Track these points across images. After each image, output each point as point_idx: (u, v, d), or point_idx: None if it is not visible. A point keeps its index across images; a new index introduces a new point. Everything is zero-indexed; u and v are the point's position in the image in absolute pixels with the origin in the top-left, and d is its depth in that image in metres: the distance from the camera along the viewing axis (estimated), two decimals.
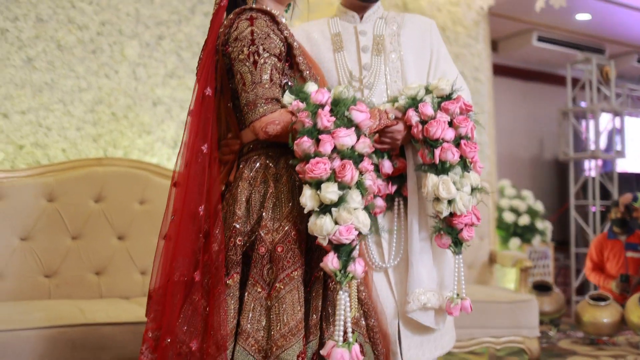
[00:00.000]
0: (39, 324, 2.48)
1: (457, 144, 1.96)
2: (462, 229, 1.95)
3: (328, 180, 1.68)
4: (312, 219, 1.70)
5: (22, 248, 3.00)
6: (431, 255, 2.08)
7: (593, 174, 7.15)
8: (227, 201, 1.87)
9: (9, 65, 3.65)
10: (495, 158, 5.69)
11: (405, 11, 5.24)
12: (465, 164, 1.97)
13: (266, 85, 1.80)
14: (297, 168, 1.72)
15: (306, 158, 1.70)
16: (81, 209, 3.13)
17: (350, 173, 1.68)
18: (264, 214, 1.80)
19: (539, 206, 5.11)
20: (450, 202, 1.92)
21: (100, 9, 3.94)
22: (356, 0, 2.23)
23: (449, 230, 1.96)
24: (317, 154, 1.69)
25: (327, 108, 1.75)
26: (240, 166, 1.90)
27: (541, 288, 4.63)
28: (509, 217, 4.71)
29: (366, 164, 1.74)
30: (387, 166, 2.04)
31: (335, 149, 1.71)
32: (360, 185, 1.72)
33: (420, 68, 2.20)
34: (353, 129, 1.74)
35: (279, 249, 1.75)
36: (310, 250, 1.81)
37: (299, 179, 1.76)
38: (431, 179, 1.92)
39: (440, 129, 1.90)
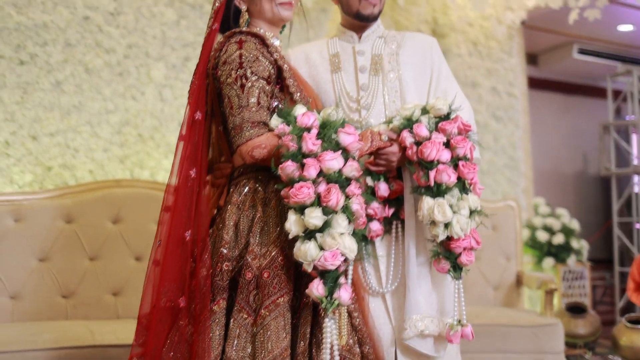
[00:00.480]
0: (47, 345, 2.52)
1: (455, 165, 1.90)
2: (460, 253, 1.89)
3: (312, 205, 1.65)
4: (297, 244, 1.67)
5: (40, 269, 3.05)
6: (430, 280, 2.02)
7: (637, 189, 6.89)
8: (217, 225, 1.86)
9: (38, 89, 3.75)
10: (532, 174, 5.55)
11: (435, 26, 5.19)
12: (464, 186, 1.91)
13: (253, 109, 1.79)
14: (282, 192, 1.70)
15: (291, 182, 1.67)
16: (99, 230, 3.17)
17: (336, 197, 1.65)
18: (251, 239, 1.78)
19: (575, 224, 4.94)
20: (447, 225, 1.86)
21: (127, 32, 4.02)
22: (354, 20, 2.20)
23: (447, 254, 1.90)
24: (302, 179, 1.66)
25: (315, 131, 1.72)
26: (231, 190, 1.89)
27: (576, 310, 4.46)
28: (542, 236, 4.57)
29: (353, 187, 1.71)
30: (382, 189, 1.99)
31: (321, 173, 1.68)
32: (346, 209, 1.68)
33: (420, 87, 2.15)
34: (340, 152, 1.70)
35: (265, 275, 1.73)
36: (300, 275, 1.78)
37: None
38: (427, 201, 1.87)
39: (435, 150, 1.85)
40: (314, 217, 1.63)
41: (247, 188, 1.85)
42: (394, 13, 4.93)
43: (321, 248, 1.65)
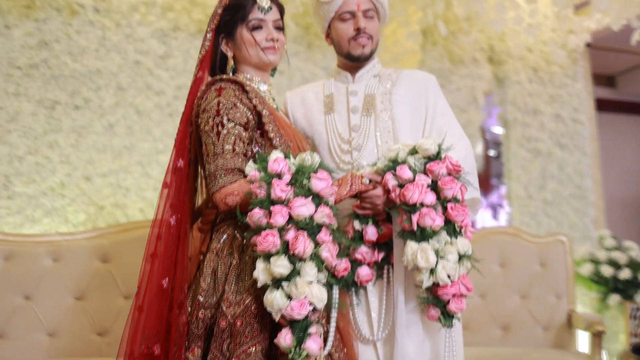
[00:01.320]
0: None
1: (445, 208, 1.83)
2: (449, 300, 1.80)
3: (278, 253, 1.63)
4: (266, 293, 1.65)
5: (76, 307, 3.17)
6: (421, 327, 1.94)
7: None
8: (198, 272, 1.87)
9: (91, 132, 3.94)
10: (603, 204, 5.25)
11: (492, 54, 5.06)
12: (453, 229, 1.83)
13: (227, 156, 1.79)
14: (252, 240, 1.68)
15: (259, 230, 1.66)
16: (134, 269, 3.24)
17: (303, 245, 1.62)
18: (227, 286, 1.77)
19: None
20: (432, 271, 1.78)
21: (176, 74, 4.16)
22: (346, 61, 2.18)
23: (436, 301, 1.81)
24: (269, 226, 1.64)
25: (287, 177, 1.70)
26: (212, 237, 1.90)
27: None
28: (607, 270, 4.28)
29: (323, 235, 1.67)
30: (370, 232, 1.94)
31: (292, 220, 1.66)
32: (315, 257, 1.65)
33: (415, 126, 2.09)
34: (310, 198, 1.68)
35: (238, 323, 1.71)
36: (277, 324, 1.75)
37: None
38: (410, 246, 1.80)
39: (417, 193, 1.78)
40: (279, 265, 1.61)
41: (225, 235, 1.85)
42: (447, 43, 4.84)
43: (289, 297, 1.62)
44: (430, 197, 1.80)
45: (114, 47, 4.06)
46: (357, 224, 1.94)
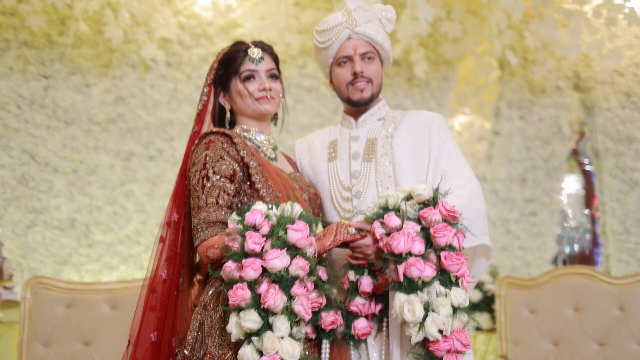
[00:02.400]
0: None
1: (439, 257, 1.72)
2: (442, 357, 1.67)
3: (248, 307, 1.59)
4: (240, 348, 1.62)
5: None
6: None
7: None
8: (189, 325, 1.87)
9: (165, 181, 4.11)
10: None
11: (578, 81, 4.77)
12: (449, 280, 1.71)
13: (210, 209, 1.80)
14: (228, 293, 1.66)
15: (232, 283, 1.64)
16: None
17: (273, 299, 1.58)
18: (209, 340, 1.75)
19: None
20: (422, 324, 1.67)
21: None
22: (348, 106, 2.13)
23: (429, 357, 1.69)
24: (240, 280, 1.62)
25: (266, 228, 1.67)
26: (204, 290, 1.89)
27: None
28: None
29: (296, 288, 1.61)
30: (365, 283, 1.84)
31: (266, 272, 1.63)
32: (288, 311, 1.60)
33: (418, 171, 1.99)
34: (285, 250, 1.63)
35: None
36: None
37: None
38: (398, 298, 1.70)
39: (403, 242, 1.68)
40: (248, 320, 1.58)
41: (213, 289, 1.84)
42: (527, 72, 4.63)
43: (260, 353, 1.58)
44: (419, 246, 1.70)
45: (185, 99, 4.24)
46: (351, 275, 1.86)
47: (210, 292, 1.84)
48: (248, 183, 1.88)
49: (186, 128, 4.20)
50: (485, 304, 4.03)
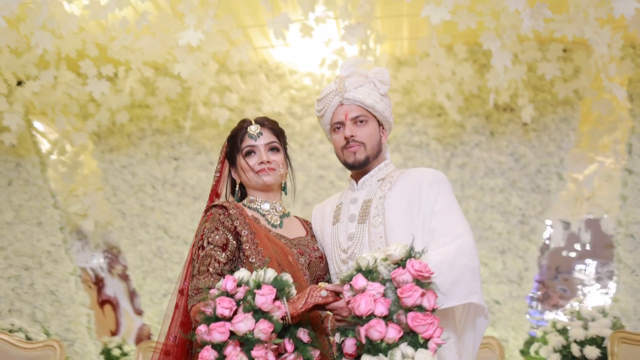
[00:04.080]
0: None
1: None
2: None
3: None
4: None
5: None
6: None
7: None
8: None
9: None
10: None
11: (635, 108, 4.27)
12: (418, 341, 1.67)
13: (201, 277, 1.94)
14: None
15: (203, 345, 1.75)
16: None
17: None
18: None
19: None
20: None
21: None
22: (347, 169, 2.17)
23: None
24: (209, 342, 1.73)
25: (240, 294, 1.78)
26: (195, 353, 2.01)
27: None
28: None
29: (255, 350, 1.69)
30: (347, 345, 1.81)
31: (234, 335, 1.73)
32: None
33: (410, 229, 1.95)
34: (251, 313, 1.72)
35: None
36: None
37: None
38: None
39: (364, 304, 1.68)
40: None
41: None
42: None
43: None
44: (380, 308, 1.68)
45: (299, 167, 4.49)
46: (337, 337, 1.88)
47: (194, 354, 1.98)
48: (242, 251, 2.01)
49: (301, 194, 4.43)
50: None
